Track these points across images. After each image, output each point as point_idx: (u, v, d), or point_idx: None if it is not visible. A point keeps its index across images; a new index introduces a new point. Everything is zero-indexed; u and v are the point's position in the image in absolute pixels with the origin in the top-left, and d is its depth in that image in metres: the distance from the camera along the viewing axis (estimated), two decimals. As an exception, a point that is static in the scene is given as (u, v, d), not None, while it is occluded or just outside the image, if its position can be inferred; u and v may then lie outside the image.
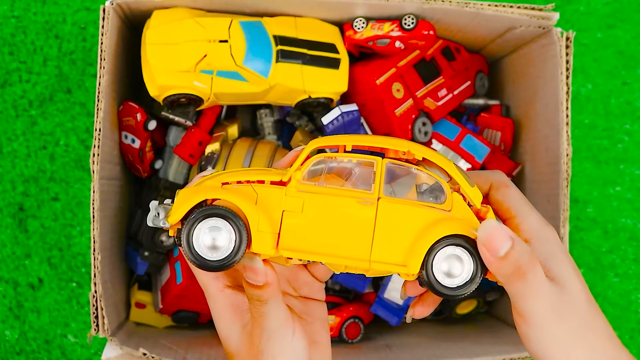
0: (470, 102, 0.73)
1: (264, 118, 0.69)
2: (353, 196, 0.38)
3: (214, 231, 0.37)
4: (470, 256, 0.37)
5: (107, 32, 0.56)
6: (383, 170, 0.39)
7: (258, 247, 0.38)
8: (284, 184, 0.39)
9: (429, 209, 0.38)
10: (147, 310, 0.67)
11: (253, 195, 0.38)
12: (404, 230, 0.38)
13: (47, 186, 0.76)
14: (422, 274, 0.38)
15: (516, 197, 0.43)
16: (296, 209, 0.38)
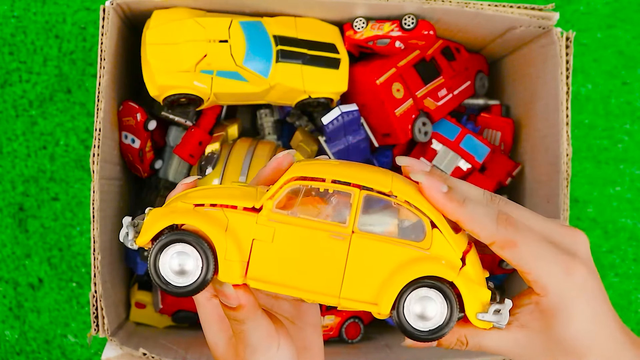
0: (470, 102, 0.73)
1: (264, 118, 0.69)
2: (326, 229, 0.37)
3: (181, 256, 0.36)
4: (445, 299, 0.36)
5: (107, 32, 0.56)
6: (360, 203, 0.37)
7: (225, 276, 0.37)
8: (257, 211, 0.37)
9: (404, 247, 0.37)
10: (147, 310, 0.67)
11: (224, 221, 0.37)
12: (377, 268, 0.37)
13: (47, 186, 0.76)
14: (393, 314, 0.36)
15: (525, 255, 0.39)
16: (266, 238, 0.37)
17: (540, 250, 0.38)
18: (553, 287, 0.38)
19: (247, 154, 0.59)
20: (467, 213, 0.38)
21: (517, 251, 0.38)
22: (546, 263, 0.38)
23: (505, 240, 0.38)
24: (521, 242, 0.38)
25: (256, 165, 0.58)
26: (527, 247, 0.38)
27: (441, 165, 0.67)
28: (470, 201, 0.38)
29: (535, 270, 0.38)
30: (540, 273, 0.38)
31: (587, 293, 0.39)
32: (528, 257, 0.38)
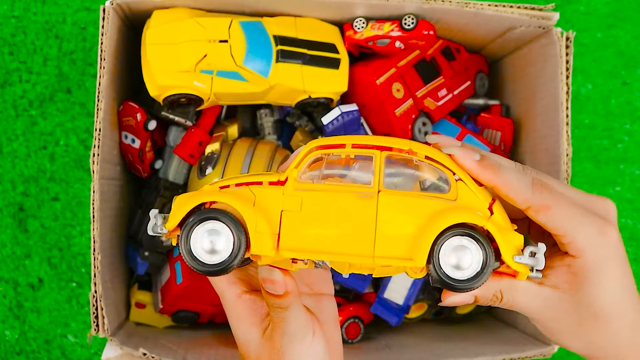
0: (470, 102, 0.73)
1: (264, 118, 0.69)
2: (352, 191, 0.37)
3: (212, 235, 0.37)
4: (479, 245, 0.36)
5: (107, 32, 0.56)
6: (382, 163, 0.38)
7: (257, 249, 0.37)
8: (282, 184, 0.38)
9: (432, 199, 0.37)
10: (147, 310, 0.67)
11: (251, 197, 0.38)
12: (407, 223, 0.37)
13: (47, 186, 0.76)
14: (429, 268, 0.37)
15: (560, 217, 0.39)
16: (295, 207, 0.37)
17: (575, 213, 0.39)
18: (588, 249, 0.39)
19: (247, 153, 0.59)
20: (503, 179, 0.39)
21: (552, 214, 0.39)
22: (581, 225, 0.39)
23: (541, 205, 0.39)
24: (555, 206, 0.39)
25: (256, 165, 0.58)
26: (562, 210, 0.39)
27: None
28: (505, 168, 0.39)
29: (570, 232, 0.39)
30: (575, 234, 0.39)
31: (618, 257, 0.40)
32: (563, 219, 0.39)
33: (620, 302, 0.40)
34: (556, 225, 0.39)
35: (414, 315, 0.71)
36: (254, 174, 0.40)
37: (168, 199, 0.64)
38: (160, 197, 0.64)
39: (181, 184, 0.67)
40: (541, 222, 0.40)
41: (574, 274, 0.40)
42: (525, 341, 0.63)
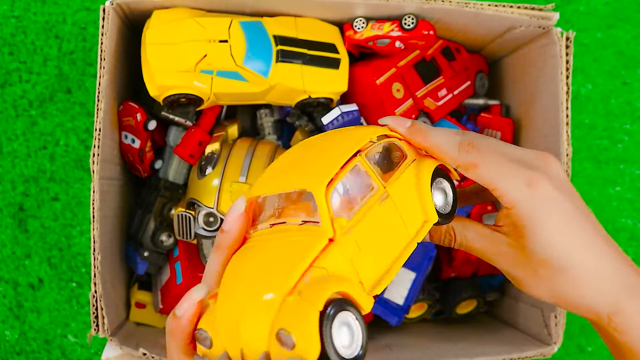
0: (470, 102, 0.73)
1: (264, 118, 0.69)
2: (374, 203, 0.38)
3: (343, 327, 0.32)
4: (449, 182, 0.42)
5: (107, 32, 0.56)
6: (368, 164, 0.39)
7: (368, 307, 0.34)
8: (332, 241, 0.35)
9: (411, 164, 0.41)
10: (147, 310, 0.67)
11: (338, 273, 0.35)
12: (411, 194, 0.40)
13: (47, 186, 0.76)
14: (438, 211, 0.41)
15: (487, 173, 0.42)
16: (356, 250, 0.36)
17: (502, 167, 0.42)
18: (518, 199, 0.41)
19: (247, 154, 0.59)
20: (430, 141, 0.43)
21: (479, 171, 0.42)
22: (507, 177, 0.42)
23: (468, 163, 0.42)
24: (482, 163, 0.42)
25: (256, 165, 0.58)
26: (489, 166, 0.42)
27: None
28: (434, 132, 0.44)
29: (498, 185, 0.41)
30: (503, 187, 0.41)
31: (554, 205, 0.41)
32: (491, 174, 0.42)
33: (569, 251, 0.41)
34: (485, 180, 0.42)
35: (414, 315, 0.71)
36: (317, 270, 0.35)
37: (168, 199, 0.64)
38: (160, 197, 0.64)
39: (181, 184, 0.67)
40: (473, 179, 0.43)
41: (514, 224, 0.42)
42: (525, 341, 0.63)
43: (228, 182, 0.56)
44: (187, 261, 0.63)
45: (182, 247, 0.65)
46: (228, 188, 0.55)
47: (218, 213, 0.54)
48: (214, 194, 0.55)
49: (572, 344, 0.81)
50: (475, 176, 0.42)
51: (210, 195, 0.56)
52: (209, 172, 0.59)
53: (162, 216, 0.64)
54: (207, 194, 0.56)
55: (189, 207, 0.58)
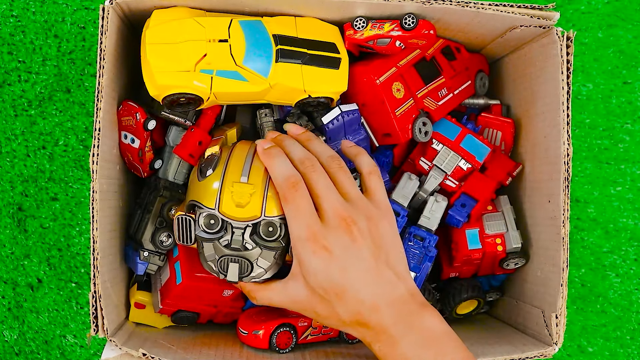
0: (471, 101, 0.73)
1: (263, 118, 0.69)
2: None
3: None
4: None
5: (106, 31, 0.56)
6: None
7: None
8: None
9: None
10: (147, 311, 0.67)
11: None
12: None
13: (46, 186, 0.76)
14: None
15: (287, 213, 0.53)
16: None
17: (298, 219, 0.52)
18: (293, 239, 0.52)
19: (248, 154, 0.60)
20: (269, 166, 0.54)
21: (287, 206, 0.52)
22: (296, 226, 0.52)
23: (284, 196, 0.52)
24: (291, 200, 0.52)
25: (257, 166, 0.58)
26: (291, 210, 0.52)
27: (441, 165, 0.67)
28: (277, 159, 0.54)
29: (289, 225, 0.52)
30: (290, 228, 0.52)
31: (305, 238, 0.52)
32: (289, 216, 0.53)
33: (337, 279, 0.49)
34: (285, 215, 0.53)
35: None
36: None
37: (167, 199, 0.64)
38: (160, 197, 0.64)
39: (181, 184, 0.66)
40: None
41: (296, 261, 0.52)
42: (525, 341, 0.63)
43: (229, 183, 0.55)
44: (187, 261, 0.63)
45: (182, 247, 0.64)
46: (229, 189, 0.54)
47: (220, 214, 0.54)
48: (215, 195, 0.54)
49: (573, 344, 0.80)
50: (284, 209, 0.52)
51: (211, 196, 0.55)
52: (210, 174, 0.59)
53: (161, 216, 0.64)
54: (208, 195, 0.55)
55: (189, 210, 0.57)
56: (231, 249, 0.54)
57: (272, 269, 0.55)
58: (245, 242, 0.54)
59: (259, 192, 0.54)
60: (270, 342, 0.62)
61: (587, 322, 0.81)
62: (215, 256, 0.55)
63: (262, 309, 0.67)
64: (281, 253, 0.55)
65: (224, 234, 0.54)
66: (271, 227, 0.54)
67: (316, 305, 0.51)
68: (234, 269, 0.54)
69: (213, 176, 0.56)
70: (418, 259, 0.64)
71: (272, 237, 0.54)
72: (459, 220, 0.66)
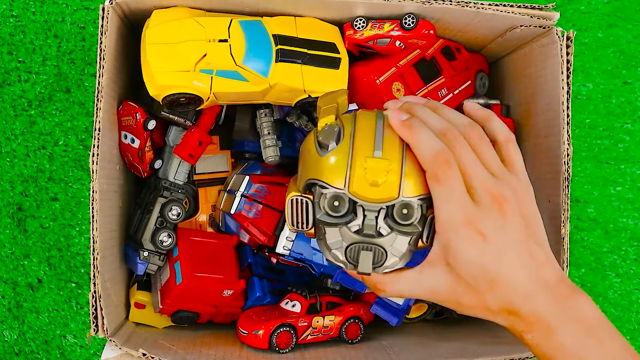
0: (471, 101, 0.73)
1: (263, 118, 0.69)
2: None
3: None
4: None
5: (106, 31, 0.56)
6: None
7: None
8: None
9: None
10: (147, 311, 0.67)
11: None
12: None
13: (46, 186, 0.76)
14: None
15: (438, 192, 0.46)
16: None
17: (454, 196, 0.44)
18: (448, 224, 0.44)
19: (377, 125, 0.49)
20: (413, 140, 0.46)
21: (438, 187, 0.44)
22: (450, 205, 0.44)
23: (433, 174, 0.44)
24: (444, 181, 0.44)
25: (390, 138, 0.48)
26: (445, 187, 0.44)
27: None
28: (420, 132, 0.46)
29: (437, 208, 0.45)
30: (442, 209, 0.44)
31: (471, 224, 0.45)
32: (442, 194, 0.45)
33: (497, 272, 0.44)
34: (434, 194, 0.45)
35: (414, 315, 0.71)
36: None
37: (168, 199, 0.64)
38: (160, 197, 0.64)
39: (181, 184, 0.66)
40: (429, 187, 0.45)
41: (442, 247, 0.45)
42: (526, 341, 0.63)
43: (361, 158, 0.46)
44: (187, 261, 0.63)
45: (182, 247, 0.64)
46: (362, 164, 0.45)
47: (349, 194, 0.45)
48: (344, 172, 0.45)
49: (573, 344, 0.80)
50: (431, 189, 0.45)
51: (338, 173, 0.46)
52: (334, 147, 0.48)
53: (161, 216, 0.64)
54: (333, 172, 0.46)
55: (305, 191, 0.48)
56: (363, 234, 0.46)
57: (406, 257, 0.48)
58: (380, 227, 0.46)
59: (396, 168, 0.45)
60: (270, 342, 0.62)
61: (587, 322, 0.81)
62: (342, 243, 0.46)
63: (262, 309, 0.67)
64: (416, 239, 0.47)
65: (353, 218, 0.46)
66: (406, 209, 0.46)
67: (461, 295, 0.46)
68: (367, 258, 0.46)
69: (339, 150, 0.47)
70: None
71: (409, 220, 0.46)
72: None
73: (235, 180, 0.68)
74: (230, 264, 0.65)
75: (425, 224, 0.46)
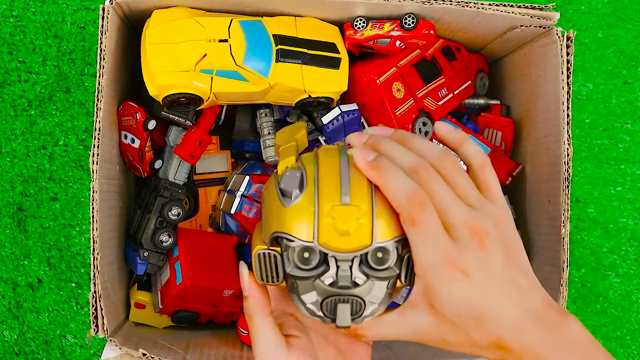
0: (471, 101, 0.73)
1: (263, 118, 0.69)
2: None
3: None
4: None
5: (106, 31, 0.56)
6: None
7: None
8: None
9: None
10: (147, 311, 0.67)
11: None
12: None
13: (46, 186, 0.76)
14: None
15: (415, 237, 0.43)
16: None
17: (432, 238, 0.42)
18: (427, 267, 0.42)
19: (342, 166, 0.46)
20: (384, 183, 0.43)
21: (414, 231, 0.42)
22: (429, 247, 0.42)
23: (410, 218, 0.42)
24: (419, 223, 0.42)
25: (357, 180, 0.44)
26: (422, 230, 0.42)
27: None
28: (390, 171, 0.43)
29: (418, 251, 0.42)
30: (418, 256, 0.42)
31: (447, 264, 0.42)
32: (418, 239, 0.42)
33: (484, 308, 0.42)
34: (410, 240, 0.42)
35: None
36: None
37: (168, 199, 0.64)
38: (160, 197, 0.64)
39: (181, 184, 0.66)
40: (405, 231, 0.42)
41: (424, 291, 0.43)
42: (526, 341, 0.63)
43: (328, 206, 0.43)
44: (187, 261, 0.63)
45: (182, 247, 0.64)
46: (330, 213, 0.42)
47: (319, 247, 0.42)
48: (311, 224, 0.43)
49: (573, 344, 0.80)
50: (408, 233, 0.42)
51: (305, 225, 0.43)
52: (298, 197, 0.44)
53: (161, 216, 0.64)
54: (300, 224, 0.43)
55: (272, 244, 0.45)
56: (338, 287, 0.43)
57: (385, 301, 0.45)
58: (355, 277, 0.43)
59: (366, 213, 0.42)
60: None
61: (587, 322, 0.81)
62: (317, 297, 0.43)
63: None
64: (394, 281, 0.45)
65: (326, 269, 0.43)
66: (381, 253, 0.43)
67: (447, 334, 0.44)
68: (345, 311, 0.43)
69: (303, 199, 0.44)
70: None
71: (385, 264, 0.43)
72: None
73: (235, 180, 0.68)
74: (230, 264, 0.65)
75: (402, 265, 0.44)
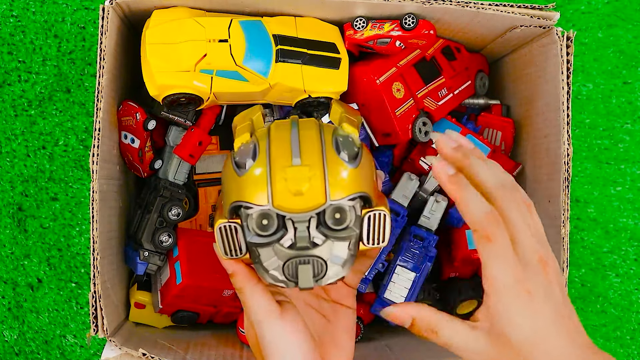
0: (471, 101, 0.73)
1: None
2: None
3: None
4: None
5: (106, 31, 0.56)
6: None
7: None
8: None
9: None
10: (147, 311, 0.67)
11: None
12: None
13: (46, 186, 0.76)
14: None
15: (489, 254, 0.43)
16: None
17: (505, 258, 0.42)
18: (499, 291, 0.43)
19: (292, 133, 0.46)
20: (461, 199, 0.43)
21: (490, 246, 0.42)
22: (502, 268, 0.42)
23: (486, 234, 0.42)
24: (495, 239, 0.42)
25: (307, 143, 0.45)
26: (498, 248, 0.42)
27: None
28: (468, 191, 0.43)
29: (489, 267, 0.42)
30: (492, 271, 0.42)
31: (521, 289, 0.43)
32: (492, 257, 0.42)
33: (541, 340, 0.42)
34: (484, 258, 0.43)
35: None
36: None
37: (168, 199, 0.64)
38: (160, 197, 0.64)
39: (181, 184, 0.66)
40: (477, 249, 0.43)
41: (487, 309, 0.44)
42: (526, 341, 0.63)
43: (279, 169, 0.43)
44: (187, 261, 0.63)
45: (182, 247, 0.64)
46: (282, 175, 0.43)
47: (275, 210, 0.43)
48: (265, 188, 0.43)
49: (573, 344, 0.80)
50: (482, 250, 0.43)
51: (259, 190, 0.43)
52: (251, 165, 0.45)
53: (161, 216, 0.64)
54: (254, 190, 0.43)
55: (232, 215, 0.45)
56: (297, 248, 0.43)
57: (348, 263, 0.45)
58: (313, 237, 0.43)
59: (318, 173, 0.43)
60: None
61: (587, 322, 0.81)
62: (278, 262, 0.44)
63: None
64: (355, 242, 0.44)
65: (284, 233, 0.43)
66: (338, 213, 0.43)
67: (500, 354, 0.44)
68: (307, 272, 0.44)
69: (256, 166, 0.45)
70: (418, 259, 0.64)
71: (343, 224, 0.43)
72: (459, 220, 0.66)
73: (235, 180, 0.68)
74: (230, 264, 0.65)
75: (362, 225, 0.44)
